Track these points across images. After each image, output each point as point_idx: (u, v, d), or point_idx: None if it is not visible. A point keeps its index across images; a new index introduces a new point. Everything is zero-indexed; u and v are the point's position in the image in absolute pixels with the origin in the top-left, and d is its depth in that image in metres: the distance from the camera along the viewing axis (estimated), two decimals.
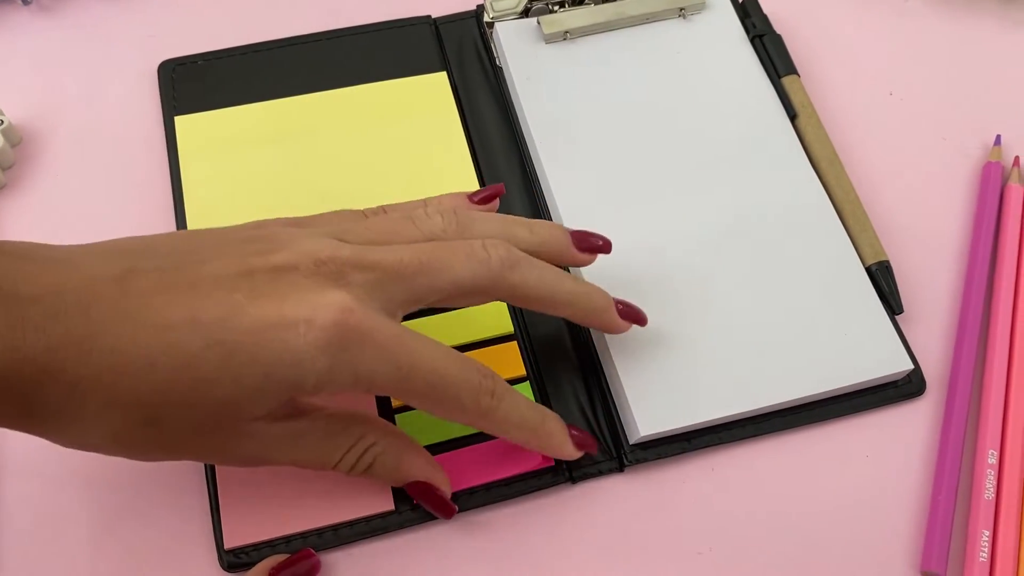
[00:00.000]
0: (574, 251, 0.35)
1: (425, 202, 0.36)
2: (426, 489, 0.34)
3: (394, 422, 0.36)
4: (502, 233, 0.34)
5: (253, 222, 0.33)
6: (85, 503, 0.35)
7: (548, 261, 0.34)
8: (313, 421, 0.31)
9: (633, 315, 0.36)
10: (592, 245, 0.36)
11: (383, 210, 0.35)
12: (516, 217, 0.35)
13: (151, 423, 0.28)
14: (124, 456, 0.29)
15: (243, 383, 0.28)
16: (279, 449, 0.30)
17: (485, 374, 0.31)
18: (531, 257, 0.33)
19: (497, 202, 0.37)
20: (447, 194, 0.36)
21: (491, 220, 0.34)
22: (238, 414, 0.29)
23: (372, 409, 0.36)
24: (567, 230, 0.35)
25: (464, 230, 0.33)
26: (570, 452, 0.34)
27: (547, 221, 0.36)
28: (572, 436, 0.34)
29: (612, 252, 0.35)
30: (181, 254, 0.29)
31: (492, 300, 0.33)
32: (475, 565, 0.34)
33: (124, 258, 0.28)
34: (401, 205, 0.35)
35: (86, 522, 0.35)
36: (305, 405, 0.31)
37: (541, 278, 0.33)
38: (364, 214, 0.34)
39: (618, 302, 0.35)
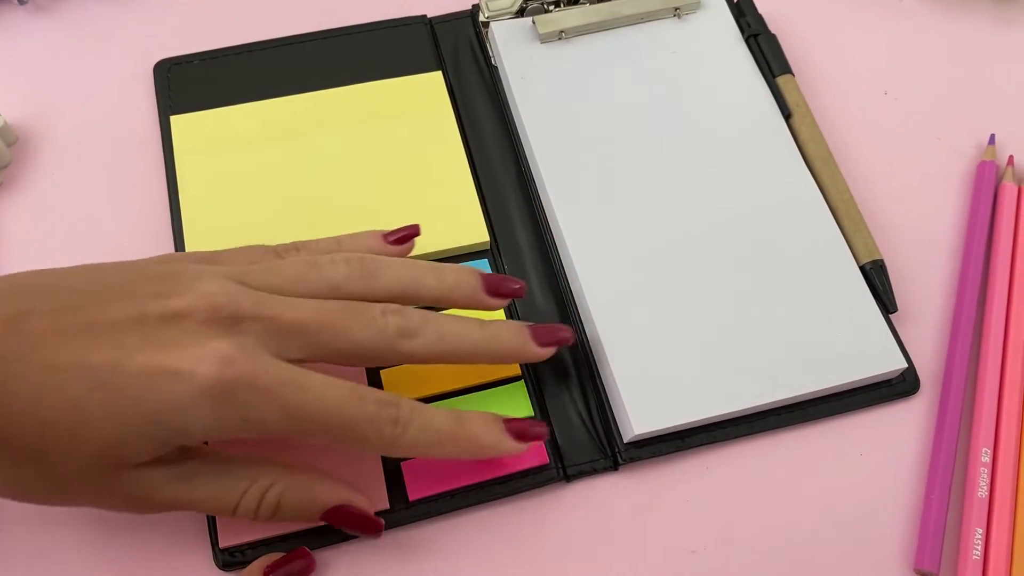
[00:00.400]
0: (484, 296, 0.34)
1: (339, 241, 0.35)
2: (345, 512, 0.32)
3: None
4: (409, 281, 0.33)
5: (165, 255, 0.33)
6: None
7: (458, 307, 0.34)
8: (203, 463, 0.31)
9: (554, 338, 0.35)
10: (506, 290, 0.35)
11: (296, 248, 0.34)
12: (425, 263, 0.34)
13: (33, 462, 0.28)
14: (9, 497, 0.29)
15: (128, 425, 0.28)
16: (169, 492, 0.30)
17: (385, 402, 0.30)
18: (432, 317, 0.32)
19: (412, 243, 0.36)
20: (363, 232, 0.36)
21: (398, 267, 0.33)
22: (121, 457, 0.28)
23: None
24: (479, 274, 0.35)
25: (369, 277, 0.32)
26: (509, 447, 0.32)
27: (458, 265, 0.35)
28: (511, 428, 0.33)
29: (608, 251, 0.35)
30: (80, 294, 0.29)
31: (392, 365, 0.32)
32: (469, 563, 0.35)
33: (21, 298, 0.28)
34: (316, 243, 0.35)
35: (82, 520, 0.35)
36: (196, 449, 0.31)
37: (441, 339, 0.32)
38: (277, 252, 0.34)
39: (535, 329, 0.35)
